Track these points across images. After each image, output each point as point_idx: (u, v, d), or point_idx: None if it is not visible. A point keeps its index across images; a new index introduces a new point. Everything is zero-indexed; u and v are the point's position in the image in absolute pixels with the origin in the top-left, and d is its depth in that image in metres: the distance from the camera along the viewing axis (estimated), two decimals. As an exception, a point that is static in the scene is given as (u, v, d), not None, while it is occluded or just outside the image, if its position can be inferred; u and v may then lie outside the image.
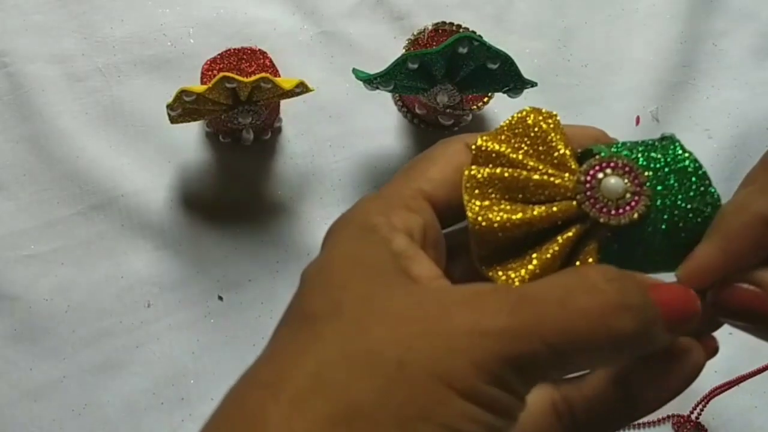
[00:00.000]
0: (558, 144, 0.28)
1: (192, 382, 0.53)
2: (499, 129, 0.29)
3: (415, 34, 0.58)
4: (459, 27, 0.57)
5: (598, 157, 0.28)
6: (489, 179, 0.28)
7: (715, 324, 0.28)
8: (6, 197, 0.55)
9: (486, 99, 0.55)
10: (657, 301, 0.25)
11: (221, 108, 0.50)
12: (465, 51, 0.47)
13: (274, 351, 0.25)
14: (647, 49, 0.60)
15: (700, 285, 0.26)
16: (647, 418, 0.53)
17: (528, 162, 0.28)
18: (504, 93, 0.51)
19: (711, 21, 0.60)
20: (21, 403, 0.52)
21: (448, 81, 0.50)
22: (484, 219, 0.27)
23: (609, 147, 0.29)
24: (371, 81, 0.49)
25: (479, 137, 0.29)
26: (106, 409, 0.52)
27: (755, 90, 0.60)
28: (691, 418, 0.53)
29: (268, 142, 0.56)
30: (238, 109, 0.50)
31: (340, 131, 0.57)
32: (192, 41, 0.58)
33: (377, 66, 0.50)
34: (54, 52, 0.57)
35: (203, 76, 0.55)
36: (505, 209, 0.27)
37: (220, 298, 0.54)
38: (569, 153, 0.28)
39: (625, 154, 0.29)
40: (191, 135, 0.56)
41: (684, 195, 0.28)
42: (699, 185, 0.28)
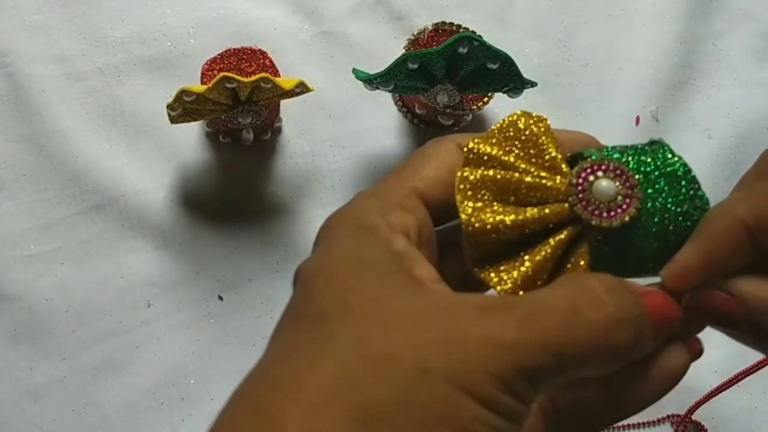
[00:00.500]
0: (549, 147, 0.29)
1: (192, 382, 0.53)
2: (490, 132, 0.30)
3: (415, 34, 0.58)
4: (459, 27, 0.57)
5: (589, 160, 0.28)
6: (481, 181, 0.28)
7: (699, 326, 0.29)
8: (6, 197, 0.55)
9: (486, 99, 0.55)
10: (648, 310, 0.25)
11: (221, 108, 0.50)
12: (465, 51, 0.47)
13: (284, 351, 0.24)
14: (647, 49, 0.60)
15: (681, 287, 0.27)
16: (647, 417, 0.53)
17: (519, 164, 0.28)
18: (504, 93, 0.51)
19: (711, 21, 0.60)
20: (21, 403, 0.52)
21: (448, 81, 0.50)
22: (477, 220, 0.27)
23: (599, 151, 0.29)
24: (371, 81, 0.49)
25: (470, 140, 0.29)
26: (106, 409, 0.52)
27: (755, 90, 0.60)
28: (691, 417, 0.53)
29: (268, 142, 0.56)
30: (238, 109, 0.50)
31: (340, 131, 0.57)
32: (192, 41, 0.58)
33: (377, 66, 0.50)
34: (54, 52, 0.57)
35: (203, 76, 0.55)
36: (498, 211, 0.27)
37: (220, 298, 0.54)
38: (560, 156, 0.29)
39: (616, 157, 0.29)
40: (191, 135, 0.56)
41: (674, 198, 0.28)
42: (689, 189, 0.28)
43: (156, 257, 0.54)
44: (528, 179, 0.28)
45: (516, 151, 0.29)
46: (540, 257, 0.27)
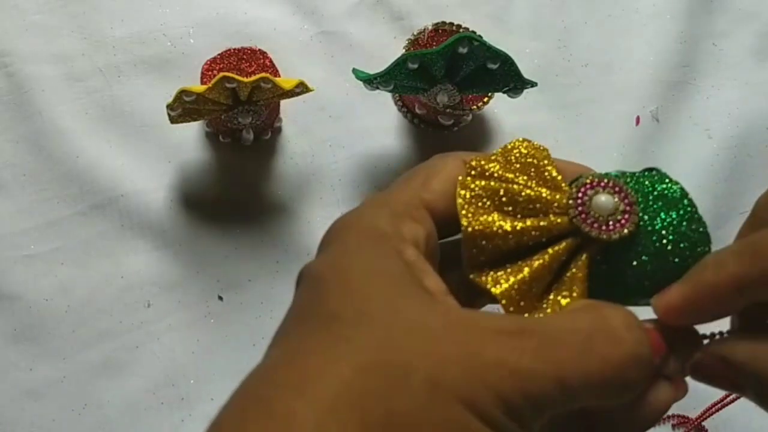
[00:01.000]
0: (550, 169, 0.29)
1: (192, 382, 0.53)
2: (493, 155, 0.30)
3: (415, 34, 0.58)
4: (459, 27, 0.57)
5: (589, 177, 0.29)
6: (483, 190, 0.28)
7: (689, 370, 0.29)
8: (6, 197, 0.55)
9: (486, 99, 0.55)
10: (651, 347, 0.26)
11: (221, 108, 0.50)
12: (465, 51, 0.47)
13: (292, 352, 0.24)
14: (647, 49, 0.60)
15: (670, 322, 0.27)
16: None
17: (521, 180, 0.29)
18: (504, 93, 0.51)
19: (711, 21, 0.60)
20: (21, 403, 0.52)
21: (448, 81, 0.50)
22: (477, 224, 0.27)
23: (598, 174, 0.30)
24: (371, 81, 0.49)
25: (474, 157, 0.30)
26: (106, 409, 0.52)
27: (755, 90, 0.60)
28: (690, 418, 0.53)
29: (268, 142, 0.56)
30: (238, 109, 0.50)
31: (340, 131, 0.57)
32: (192, 41, 0.58)
33: (377, 66, 0.50)
34: (54, 52, 0.57)
35: (203, 76, 0.55)
36: (498, 218, 0.28)
37: (220, 298, 0.54)
38: (560, 177, 0.29)
39: (615, 175, 0.29)
40: (191, 135, 0.56)
41: (671, 219, 0.29)
42: (686, 211, 0.29)
43: (156, 257, 0.54)
44: (528, 192, 0.28)
45: (517, 171, 0.29)
46: (538, 264, 0.27)
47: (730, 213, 0.56)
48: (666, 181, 0.29)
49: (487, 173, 0.29)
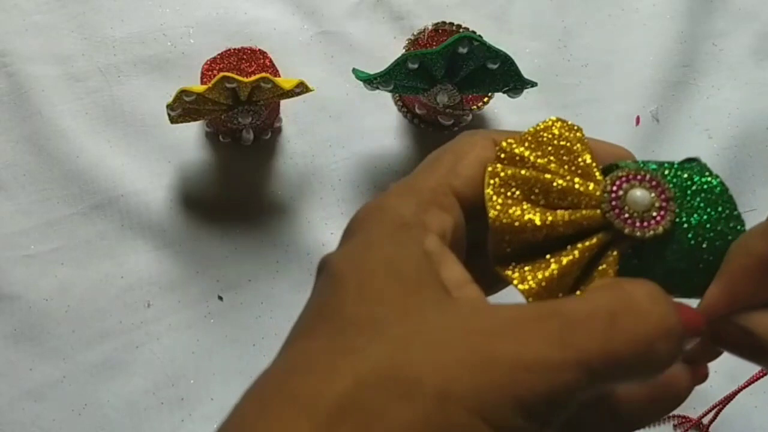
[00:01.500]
0: (583, 154, 0.28)
1: (192, 382, 0.53)
2: (524, 135, 0.29)
3: (415, 34, 0.58)
4: (459, 27, 0.57)
5: (625, 169, 0.27)
6: (512, 178, 0.27)
7: (714, 354, 0.28)
8: (6, 197, 0.55)
9: (486, 99, 0.55)
10: (683, 323, 0.24)
11: (221, 108, 0.50)
12: (465, 51, 0.47)
13: (305, 359, 0.24)
14: (647, 49, 0.60)
15: (707, 319, 0.27)
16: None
17: (552, 168, 0.28)
18: (504, 93, 0.51)
19: (711, 21, 0.60)
20: (21, 403, 0.52)
21: (448, 81, 0.50)
22: (505, 216, 0.26)
23: (635, 163, 0.28)
24: (371, 81, 0.49)
25: (503, 139, 0.28)
26: (106, 409, 0.52)
27: (755, 90, 0.60)
28: (691, 417, 0.53)
29: (268, 142, 0.56)
30: (238, 109, 0.50)
31: (340, 131, 0.57)
32: (192, 41, 0.58)
33: (377, 66, 0.50)
34: (54, 52, 0.57)
35: (203, 76, 0.55)
36: (528, 210, 0.27)
37: (220, 298, 0.54)
38: (594, 164, 0.28)
39: (653, 168, 0.28)
40: (191, 135, 0.56)
41: (709, 216, 0.27)
42: (725, 208, 0.28)
43: (156, 257, 0.54)
44: (560, 182, 0.27)
45: (549, 156, 0.28)
46: (567, 261, 0.26)
47: (730, 213, 0.56)
48: (706, 174, 0.28)
49: (517, 158, 0.28)
